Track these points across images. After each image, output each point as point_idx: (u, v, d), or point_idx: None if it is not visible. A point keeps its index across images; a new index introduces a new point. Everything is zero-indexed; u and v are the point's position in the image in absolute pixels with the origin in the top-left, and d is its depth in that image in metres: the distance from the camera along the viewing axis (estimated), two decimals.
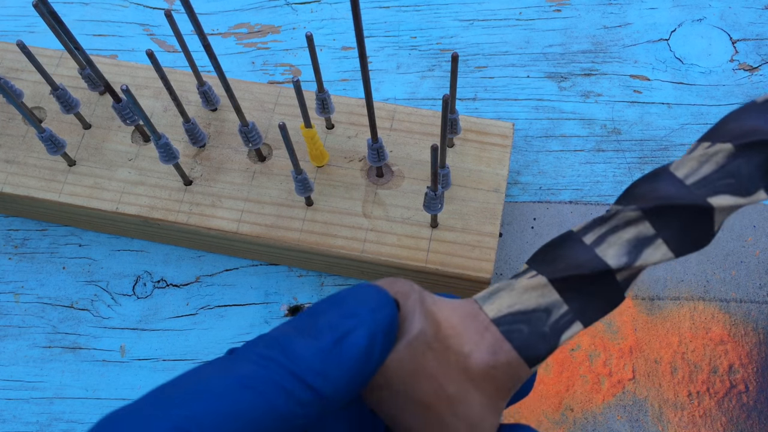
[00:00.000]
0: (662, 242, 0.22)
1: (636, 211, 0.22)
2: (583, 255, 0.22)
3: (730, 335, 0.39)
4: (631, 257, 0.22)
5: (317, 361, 0.19)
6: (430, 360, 0.21)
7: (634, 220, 0.22)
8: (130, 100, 0.32)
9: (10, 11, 0.51)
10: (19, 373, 0.40)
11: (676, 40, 0.47)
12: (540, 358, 0.22)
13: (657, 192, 0.22)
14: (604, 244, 0.22)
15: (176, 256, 0.42)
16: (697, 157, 0.22)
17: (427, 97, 0.46)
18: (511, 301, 0.23)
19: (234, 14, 0.50)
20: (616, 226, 0.22)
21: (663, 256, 0.22)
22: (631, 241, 0.22)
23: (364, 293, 0.21)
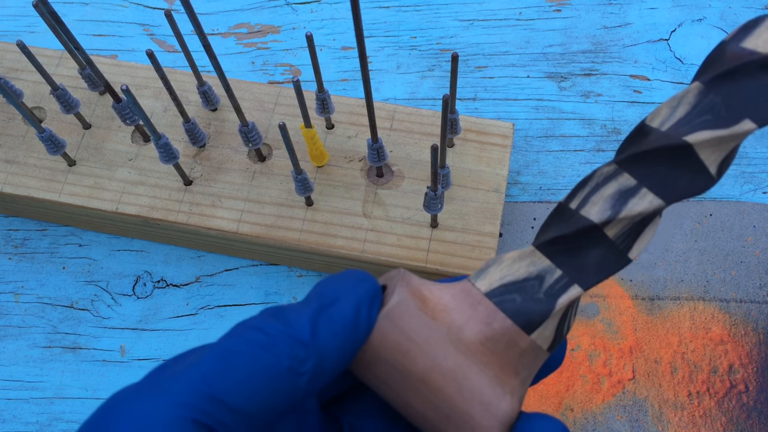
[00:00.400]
0: (647, 190, 0.21)
1: (611, 164, 0.22)
2: (568, 219, 0.22)
3: (730, 335, 0.39)
4: (614, 210, 0.21)
5: (308, 323, 0.20)
6: (415, 330, 0.21)
7: (612, 175, 0.22)
8: (130, 100, 0.32)
9: (10, 11, 0.51)
10: (19, 373, 0.40)
11: (676, 40, 0.47)
12: (535, 322, 0.22)
13: (634, 144, 0.22)
14: (588, 204, 0.22)
15: (176, 256, 0.42)
16: (668, 103, 0.22)
17: (427, 97, 0.46)
18: (502, 273, 0.23)
19: (234, 14, 0.50)
20: (597, 185, 0.22)
21: (650, 204, 0.21)
22: (614, 195, 0.21)
23: (346, 274, 0.22)
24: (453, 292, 0.23)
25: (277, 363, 0.19)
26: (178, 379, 0.19)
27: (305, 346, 0.20)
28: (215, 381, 0.19)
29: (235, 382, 0.19)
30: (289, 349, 0.19)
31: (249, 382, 0.19)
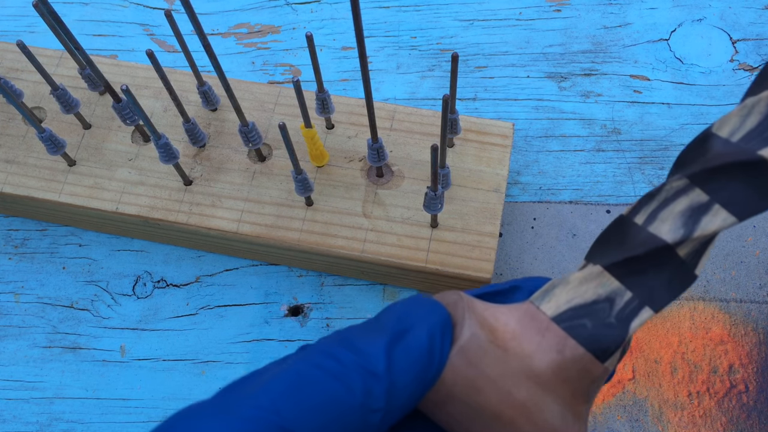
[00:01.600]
0: (720, 207, 0.20)
1: (682, 179, 0.20)
2: (636, 237, 0.21)
3: (730, 335, 0.39)
4: (687, 229, 0.20)
5: (383, 355, 0.19)
6: (489, 365, 0.20)
7: (683, 190, 0.20)
8: (130, 100, 0.32)
9: (10, 11, 0.51)
10: (19, 373, 0.40)
11: (676, 40, 0.47)
12: (609, 350, 0.20)
13: (705, 156, 0.21)
14: (657, 220, 0.21)
15: (176, 256, 0.42)
16: (738, 112, 0.20)
17: (427, 97, 0.46)
18: (569, 296, 0.21)
19: (234, 14, 0.50)
20: (666, 200, 0.21)
21: (724, 222, 0.20)
22: (685, 212, 0.20)
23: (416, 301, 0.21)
24: (518, 316, 0.21)
25: (351, 397, 0.18)
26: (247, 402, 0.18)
27: (379, 380, 0.19)
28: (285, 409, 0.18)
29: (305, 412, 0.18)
30: (362, 382, 0.19)
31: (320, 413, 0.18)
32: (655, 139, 0.44)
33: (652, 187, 0.43)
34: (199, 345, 0.40)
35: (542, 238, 0.41)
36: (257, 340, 0.40)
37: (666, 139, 0.44)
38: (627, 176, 0.43)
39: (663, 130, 0.44)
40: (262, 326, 0.40)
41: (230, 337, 0.40)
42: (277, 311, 0.40)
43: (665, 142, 0.44)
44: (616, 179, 0.43)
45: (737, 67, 0.46)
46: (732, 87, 0.45)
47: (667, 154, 0.44)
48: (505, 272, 0.41)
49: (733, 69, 0.46)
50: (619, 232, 0.22)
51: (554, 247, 0.41)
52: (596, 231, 0.41)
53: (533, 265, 0.41)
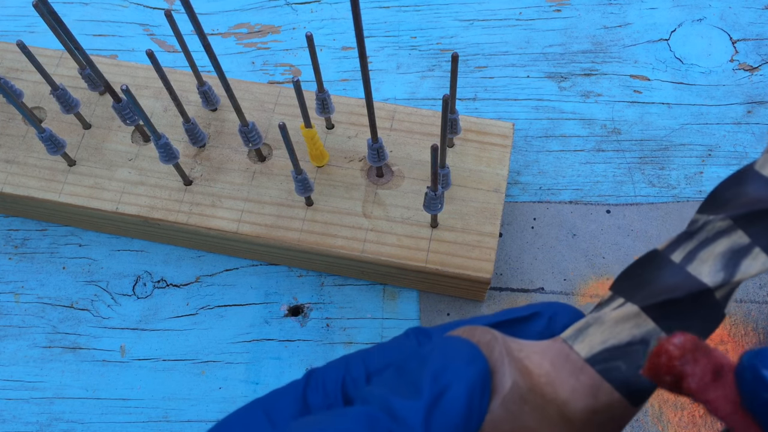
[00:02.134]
0: (760, 251, 0.19)
1: (726, 219, 0.20)
2: (674, 276, 0.20)
3: (730, 335, 0.39)
4: (728, 272, 0.20)
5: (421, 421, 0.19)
6: (528, 415, 0.20)
7: (725, 230, 0.20)
8: (130, 100, 0.32)
9: (10, 11, 0.51)
10: (19, 373, 0.40)
11: (676, 40, 0.47)
12: (645, 395, 0.20)
13: (746, 196, 0.20)
14: (696, 260, 0.20)
15: (176, 256, 0.42)
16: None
17: (427, 97, 0.46)
18: (603, 336, 0.21)
19: (234, 14, 0.50)
20: (706, 239, 0.20)
21: (763, 266, 0.19)
22: (726, 254, 0.20)
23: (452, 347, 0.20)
24: (551, 357, 0.21)
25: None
26: None
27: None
28: None
29: None
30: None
31: None
32: (655, 139, 0.44)
33: (653, 186, 0.43)
34: (199, 345, 0.40)
35: (542, 238, 0.41)
36: (257, 340, 0.40)
37: (666, 139, 0.44)
38: (627, 176, 0.43)
39: (663, 130, 0.44)
40: (262, 326, 0.40)
41: (230, 337, 0.40)
42: (277, 311, 0.40)
43: (665, 142, 0.44)
44: (616, 179, 0.43)
45: (737, 67, 0.46)
46: (732, 87, 0.45)
47: (667, 154, 0.44)
48: (505, 272, 0.41)
49: (733, 69, 0.46)
50: (654, 268, 0.21)
51: (554, 247, 0.41)
52: (596, 231, 0.41)
53: (533, 265, 0.41)
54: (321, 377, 0.23)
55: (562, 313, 0.23)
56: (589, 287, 0.40)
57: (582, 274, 0.40)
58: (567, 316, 0.23)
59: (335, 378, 0.23)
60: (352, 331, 0.40)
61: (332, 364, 0.23)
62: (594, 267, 0.41)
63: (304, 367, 0.39)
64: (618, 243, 0.41)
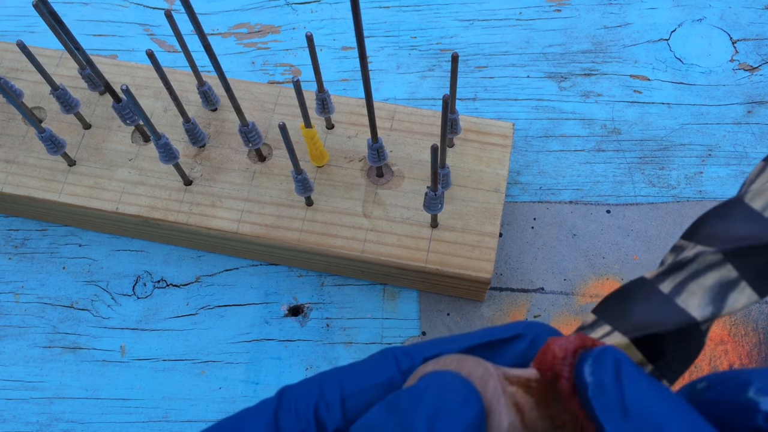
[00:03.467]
0: (746, 285, 0.20)
1: (717, 254, 0.20)
2: (662, 307, 0.20)
3: (730, 335, 0.39)
4: (716, 306, 0.20)
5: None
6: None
7: (716, 264, 0.20)
8: (130, 100, 0.32)
9: (10, 11, 0.51)
10: (19, 373, 0.40)
11: (676, 40, 0.47)
12: None
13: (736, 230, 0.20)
14: (685, 292, 0.20)
15: (176, 256, 0.42)
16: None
17: (427, 97, 0.46)
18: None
19: (234, 14, 0.50)
20: (696, 271, 0.20)
21: (748, 300, 0.20)
22: (714, 288, 0.20)
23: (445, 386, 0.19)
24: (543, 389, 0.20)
25: None
26: None
27: None
28: None
29: None
30: None
31: None
32: (655, 139, 0.44)
33: (652, 186, 0.43)
34: (199, 345, 0.40)
35: (542, 238, 0.41)
36: (257, 340, 0.40)
37: (666, 139, 0.44)
38: (627, 176, 0.43)
39: (663, 130, 0.44)
40: (262, 326, 0.40)
41: (230, 337, 0.40)
42: (277, 311, 0.40)
43: (665, 142, 0.44)
44: (616, 179, 0.43)
45: (737, 67, 0.46)
46: (732, 87, 0.45)
47: (667, 154, 0.44)
48: (505, 272, 0.41)
49: (733, 69, 0.46)
50: (642, 298, 0.21)
51: (554, 247, 0.41)
52: (596, 231, 0.41)
53: (533, 265, 0.41)
54: (293, 398, 0.22)
55: (544, 334, 0.23)
56: (589, 287, 0.40)
57: (582, 274, 0.40)
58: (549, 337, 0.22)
59: (308, 401, 0.22)
60: (352, 331, 0.40)
61: (305, 384, 0.22)
62: (594, 267, 0.41)
63: (304, 367, 0.39)
64: (618, 243, 0.41)
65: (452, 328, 0.39)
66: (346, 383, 0.22)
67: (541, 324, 0.23)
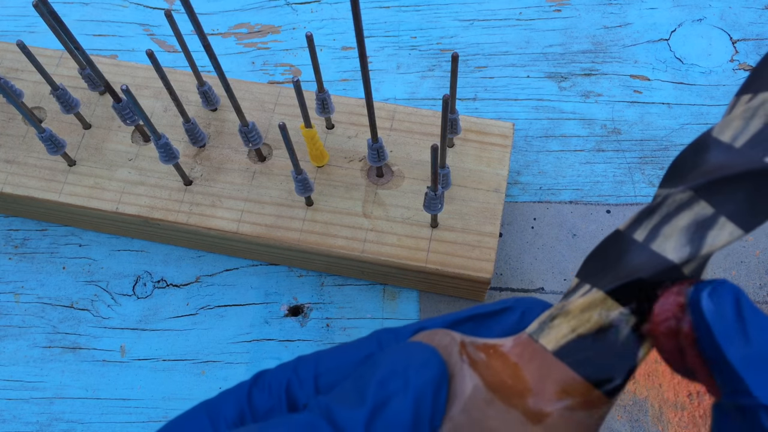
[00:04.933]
0: (726, 220, 0.18)
1: (686, 191, 0.19)
2: (638, 255, 0.19)
3: None
4: (694, 246, 0.19)
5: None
6: (494, 419, 0.18)
7: (686, 203, 0.19)
8: (130, 100, 0.32)
9: (10, 11, 0.51)
10: (19, 373, 0.40)
11: (676, 40, 0.47)
12: (618, 386, 0.19)
13: (705, 164, 0.19)
14: (660, 237, 0.19)
15: (176, 256, 0.42)
16: (741, 114, 0.19)
17: (427, 97, 0.46)
18: (570, 326, 0.20)
19: (234, 14, 0.50)
20: (667, 215, 0.19)
21: (731, 236, 0.18)
22: (690, 227, 0.19)
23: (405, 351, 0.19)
24: (517, 352, 0.20)
25: None
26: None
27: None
28: None
29: None
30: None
31: None
32: (655, 139, 0.44)
33: (652, 186, 0.43)
34: (199, 345, 0.40)
35: (542, 238, 0.41)
36: (257, 340, 0.40)
37: (666, 139, 0.44)
38: (627, 176, 0.43)
39: (663, 130, 0.44)
40: (262, 326, 0.40)
41: (230, 337, 0.40)
42: (277, 311, 0.40)
43: (665, 142, 0.44)
44: (616, 179, 0.43)
45: (737, 67, 0.46)
46: (732, 87, 0.45)
47: (667, 154, 0.44)
48: (505, 272, 0.41)
49: (733, 69, 0.46)
50: (617, 249, 0.20)
51: (554, 247, 0.41)
52: (596, 231, 0.41)
53: (533, 265, 0.41)
54: (268, 378, 0.22)
55: (535, 307, 0.22)
56: None
57: None
58: (540, 310, 0.22)
59: (281, 379, 0.22)
60: (352, 331, 0.40)
61: (283, 365, 0.23)
62: None
63: None
64: None
65: None
66: (321, 362, 0.22)
67: (532, 298, 0.23)
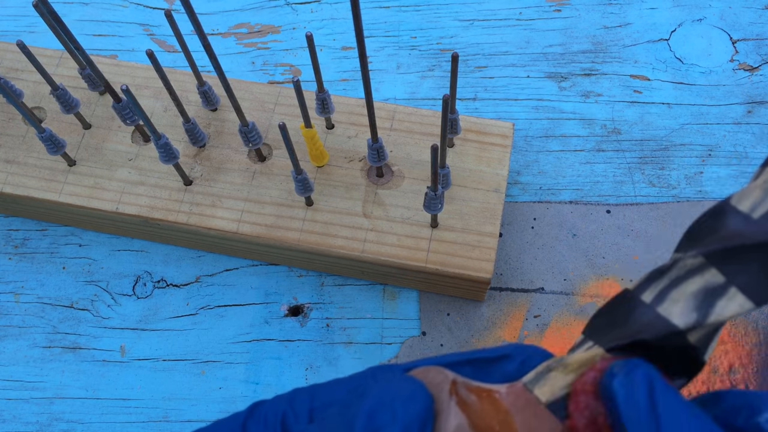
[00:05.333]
0: (737, 290, 0.18)
1: (698, 257, 0.19)
2: (643, 316, 0.19)
3: (730, 335, 0.39)
4: (701, 313, 0.18)
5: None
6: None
7: (697, 269, 0.19)
8: (130, 100, 0.32)
9: (10, 11, 0.51)
10: (19, 373, 0.40)
11: (676, 40, 0.47)
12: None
13: (721, 231, 0.19)
14: (667, 301, 0.19)
15: (176, 256, 0.42)
16: (761, 185, 0.19)
17: (427, 97, 0.46)
18: (566, 380, 0.20)
19: (234, 14, 0.50)
20: (677, 278, 0.19)
21: (741, 308, 0.18)
22: (698, 294, 0.18)
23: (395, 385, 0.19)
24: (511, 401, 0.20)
25: None
26: None
27: None
28: None
29: None
30: None
31: None
32: (655, 139, 0.44)
33: (652, 186, 0.43)
34: (199, 345, 0.40)
35: (542, 238, 0.41)
36: (257, 340, 0.40)
37: (666, 139, 0.44)
38: (627, 176, 0.43)
39: (663, 130, 0.44)
40: (262, 326, 0.40)
41: (230, 337, 0.40)
42: (277, 311, 0.40)
43: (665, 142, 0.44)
44: (616, 179, 0.43)
45: (737, 67, 0.46)
46: (732, 87, 0.45)
47: (667, 154, 0.44)
48: (505, 272, 0.41)
49: (733, 69, 0.46)
50: (624, 309, 0.20)
51: (554, 247, 0.41)
52: (596, 231, 0.41)
53: (533, 265, 0.41)
54: (264, 409, 0.22)
55: (535, 356, 0.22)
56: (589, 287, 0.40)
57: (582, 274, 0.40)
58: (540, 359, 0.22)
59: (277, 411, 0.22)
60: (352, 331, 0.40)
61: (279, 397, 0.23)
62: (594, 267, 0.41)
63: (304, 368, 0.39)
64: (618, 243, 0.41)
65: (452, 328, 0.39)
66: (317, 395, 0.22)
67: (532, 346, 0.23)
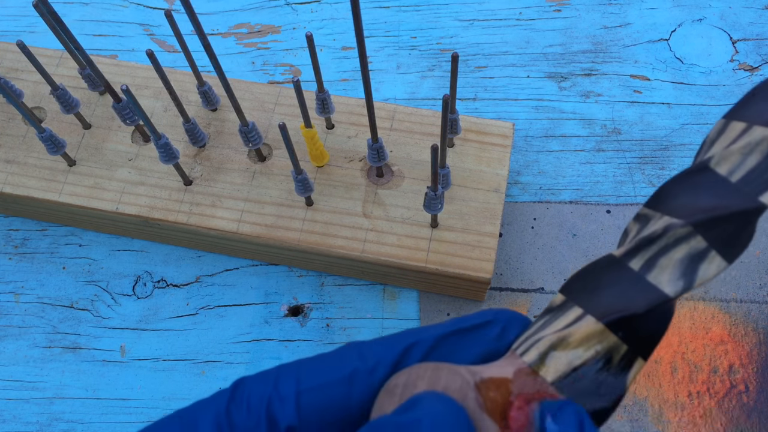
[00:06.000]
0: (716, 253, 0.19)
1: (687, 226, 0.20)
2: (634, 286, 0.20)
3: (730, 335, 0.39)
4: (687, 279, 0.19)
5: None
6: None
7: (685, 237, 0.20)
8: (130, 100, 0.32)
9: (10, 11, 0.51)
10: (19, 373, 0.40)
11: (676, 40, 0.47)
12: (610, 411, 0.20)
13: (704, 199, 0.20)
14: (656, 268, 0.20)
15: (176, 256, 0.42)
16: (740, 150, 0.20)
17: (427, 97, 0.46)
18: (569, 357, 0.20)
19: (234, 14, 0.50)
20: (666, 246, 0.20)
21: (717, 268, 0.19)
22: (684, 260, 0.19)
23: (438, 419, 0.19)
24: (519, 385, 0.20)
25: None
26: None
27: None
28: None
29: None
30: None
31: None
32: (655, 139, 0.44)
33: (653, 186, 0.43)
34: (199, 345, 0.40)
35: (542, 238, 0.41)
36: (257, 340, 0.40)
37: (666, 139, 0.44)
38: (627, 176, 0.43)
39: (663, 130, 0.44)
40: (262, 326, 0.40)
41: (230, 337, 0.40)
42: (277, 311, 0.40)
43: (665, 142, 0.44)
44: (616, 179, 0.43)
45: (737, 67, 0.46)
46: (732, 87, 0.45)
47: (667, 154, 0.44)
48: (505, 272, 0.41)
49: (733, 69, 0.46)
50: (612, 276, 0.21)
51: (554, 247, 0.41)
52: (596, 231, 0.41)
53: (533, 265, 0.41)
54: (247, 391, 0.22)
55: (515, 321, 0.23)
56: None
57: None
58: (519, 324, 0.23)
59: (261, 394, 0.21)
60: (352, 331, 0.40)
61: (262, 376, 0.22)
62: None
63: None
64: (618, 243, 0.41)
65: None
66: (303, 377, 0.22)
67: (511, 311, 0.23)
